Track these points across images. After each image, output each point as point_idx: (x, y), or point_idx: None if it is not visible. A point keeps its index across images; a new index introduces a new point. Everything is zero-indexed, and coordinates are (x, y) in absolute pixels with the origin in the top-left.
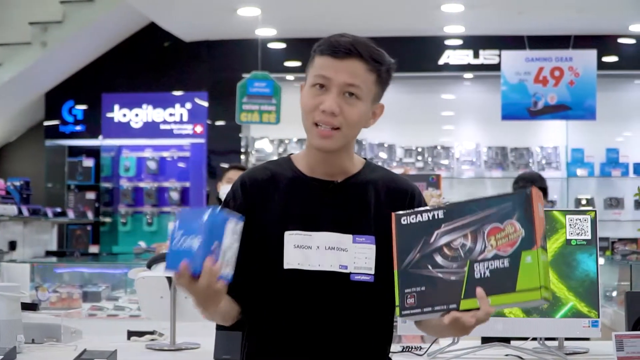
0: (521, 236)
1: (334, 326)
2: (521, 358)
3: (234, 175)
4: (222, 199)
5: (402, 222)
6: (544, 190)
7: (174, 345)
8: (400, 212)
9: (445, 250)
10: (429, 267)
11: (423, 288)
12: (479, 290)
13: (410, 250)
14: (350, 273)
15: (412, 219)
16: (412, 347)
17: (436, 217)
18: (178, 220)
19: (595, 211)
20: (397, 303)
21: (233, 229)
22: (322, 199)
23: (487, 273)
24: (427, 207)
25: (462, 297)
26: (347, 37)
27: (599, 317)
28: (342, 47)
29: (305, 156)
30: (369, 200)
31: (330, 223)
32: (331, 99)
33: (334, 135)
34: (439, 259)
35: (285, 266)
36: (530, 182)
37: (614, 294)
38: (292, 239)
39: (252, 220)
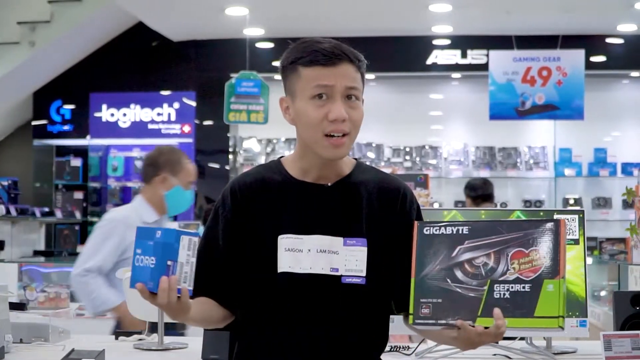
0: (544, 264)
1: (326, 329)
2: (509, 358)
3: None
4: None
5: (425, 231)
6: (490, 196)
7: (161, 345)
8: (424, 221)
9: (467, 266)
10: (448, 280)
11: (440, 300)
12: (497, 311)
13: (430, 261)
14: (341, 276)
15: (436, 230)
16: (400, 347)
17: (460, 232)
18: (136, 238)
19: (583, 211)
20: (411, 311)
21: (187, 246)
22: (313, 203)
23: (507, 295)
24: (453, 221)
25: (479, 314)
26: (325, 42)
27: (587, 317)
28: (330, 54)
29: (297, 160)
30: (361, 202)
31: (321, 226)
32: (338, 107)
33: (345, 141)
34: (459, 274)
35: (278, 270)
36: (474, 190)
37: (602, 293)
38: (283, 242)
39: (244, 225)
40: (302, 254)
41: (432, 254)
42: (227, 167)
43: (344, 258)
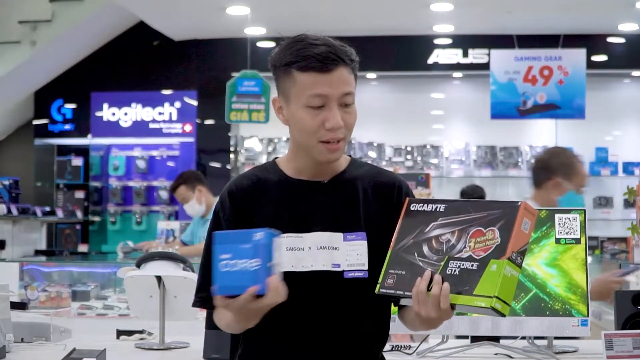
0: (495, 244)
1: (331, 324)
2: (510, 357)
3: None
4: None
5: (412, 207)
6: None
7: (163, 344)
8: (413, 198)
9: (434, 242)
10: (415, 254)
11: (403, 272)
12: (445, 286)
13: (407, 235)
14: (343, 271)
15: (420, 207)
16: (401, 346)
17: (438, 209)
18: (220, 244)
19: (584, 210)
20: (379, 280)
21: (278, 246)
22: (311, 200)
23: (457, 271)
24: (436, 199)
25: (429, 288)
26: (319, 43)
27: (588, 316)
28: (325, 60)
29: (292, 160)
30: (357, 196)
31: (320, 223)
32: (334, 115)
33: (340, 146)
34: (425, 249)
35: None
36: (464, 195)
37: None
38: (284, 241)
39: (245, 227)
40: (302, 252)
41: (412, 228)
42: (229, 167)
43: (344, 253)
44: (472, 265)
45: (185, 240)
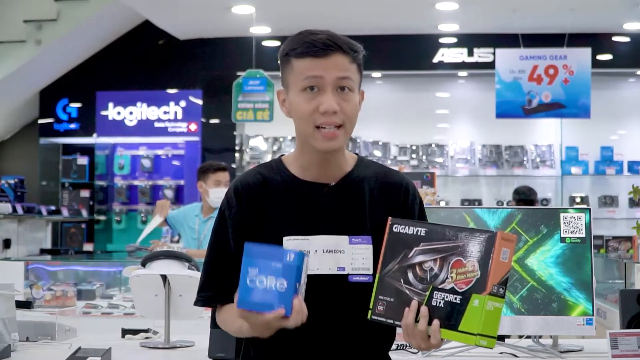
0: (476, 277)
1: (335, 328)
2: (515, 356)
3: (222, 177)
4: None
5: (394, 229)
6: (531, 202)
7: (168, 343)
8: (395, 218)
9: (417, 269)
10: (401, 280)
11: (392, 299)
12: (435, 323)
13: (392, 259)
14: (348, 274)
15: (402, 228)
16: (406, 345)
17: (419, 233)
18: (249, 257)
19: (589, 209)
20: (370, 306)
21: (306, 266)
22: (317, 203)
23: (442, 304)
24: (416, 222)
25: (417, 319)
26: (320, 33)
27: (593, 315)
28: (322, 45)
29: (297, 158)
30: (364, 198)
31: (326, 226)
32: (329, 98)
33: (339, 134)
34: (410, 276)
35: None
36: (517, 193)
37: (609, 292)
38: (290, 244)
39: (249, 227)
40: (308, 255)
41: (396, 252)
42: (234, 166)
43: (350, 257)
44: (456, 299)
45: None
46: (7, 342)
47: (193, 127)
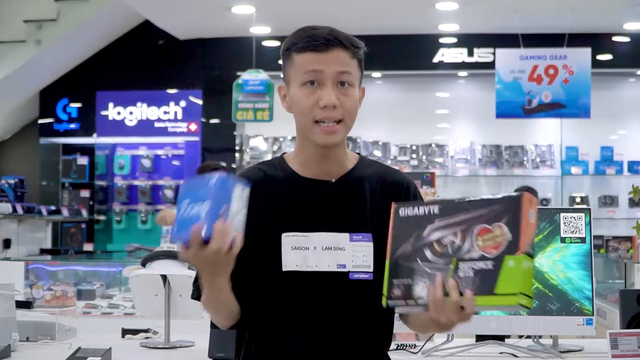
0: (507, 240)
1: (335, 326)
2: (515, 356)
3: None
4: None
5: (400, 213)
6: None
7: (168, 343)
8: (400, 202)
9: (436, 245)
10: (418, 260)
11: (410, 281)
12: (467, 292)
13: (403, 242)
14: (348, 272)
15: (410, 211)
16: (406, 345)
17: (431, 212)
18: (183, 189)
19: (589, 209)
20: (384, 292)
21: (240, 195)
22: (318, 199)
23: (471, 273)
24: (425, 201)
25: (445, 293)
26: (320, 28)
27: (593, 315)
28: (322, 39)
29: (298, 154)
30: (365, 196)
31: (326, 223)
32: (328, 92)
33: (338, 128)
34: (428, 253)
35: (284, 268)
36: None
37: (609, 292)
38: (289, 240)
39: (248, 222)
40: (308, 251)
41: (406, 235)
42: (234, 166)
43: (350, 254)
44: (487, 264)
45: None
46: (7, 342)
47: (193, 127)
